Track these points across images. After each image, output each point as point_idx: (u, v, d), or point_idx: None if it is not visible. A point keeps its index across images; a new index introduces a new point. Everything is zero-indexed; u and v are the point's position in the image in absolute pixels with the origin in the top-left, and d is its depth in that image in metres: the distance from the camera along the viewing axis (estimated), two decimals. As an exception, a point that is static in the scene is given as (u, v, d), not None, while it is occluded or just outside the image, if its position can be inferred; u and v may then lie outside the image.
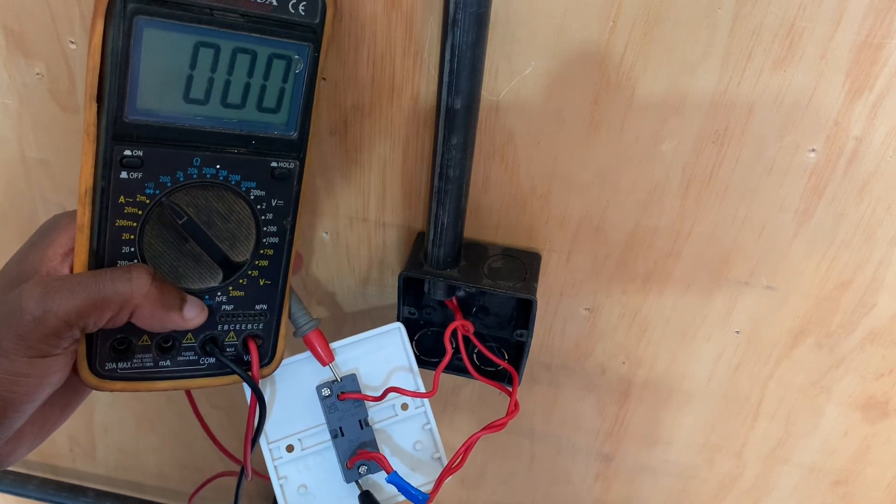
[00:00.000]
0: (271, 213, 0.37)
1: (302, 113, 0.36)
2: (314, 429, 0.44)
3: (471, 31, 0.37)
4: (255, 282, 0.38)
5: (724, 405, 0.55)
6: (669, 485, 0.62)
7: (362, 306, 0.55)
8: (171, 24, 0.31)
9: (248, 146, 0.35)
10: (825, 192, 0.42)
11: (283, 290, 0.40)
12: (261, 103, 0.35)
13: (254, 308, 0.39)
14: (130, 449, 0.74)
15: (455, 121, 0.40)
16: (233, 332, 0.39)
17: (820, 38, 0.37)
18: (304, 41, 0.34)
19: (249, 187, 0.36)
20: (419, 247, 0.48)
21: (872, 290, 0.46)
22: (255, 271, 0.38)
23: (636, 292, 0.49)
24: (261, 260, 0.38)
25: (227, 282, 0.38)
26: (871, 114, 0.39)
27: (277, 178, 0.37)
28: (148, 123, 0.33)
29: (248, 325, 0.39)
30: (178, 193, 0.35)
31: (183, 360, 0.38)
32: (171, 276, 0.36)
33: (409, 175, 0.47)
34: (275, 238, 0.38)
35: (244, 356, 0.40)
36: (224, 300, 0.38)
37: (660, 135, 0.42)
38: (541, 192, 0.46)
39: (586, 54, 0.39)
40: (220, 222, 0.36)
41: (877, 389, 0.51)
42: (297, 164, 0.37)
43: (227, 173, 0.35)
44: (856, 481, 0.58)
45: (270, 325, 0.40)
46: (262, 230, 0.37)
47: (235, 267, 0.37)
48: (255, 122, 0.35)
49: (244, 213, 0.37)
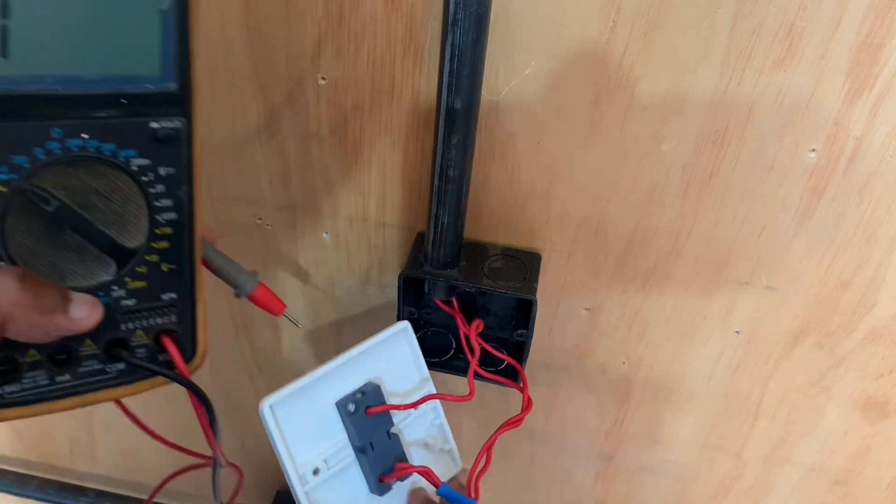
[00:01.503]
0: (162, 185, 0.31)
1: (178, 59, 0.30)
2: (336, 446, 0.41)
3: (471, 31, 0.37)
4: (156, 268, 0.33)
5: (724, 405, 0.55)
6: (669, 485, 0.62)
7: (362, 306, 0.55)
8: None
9: (117, 107, 0.29)
10: (825, 192, 0.42)
11: (192, 273, 0.34)
12: (124, 52, 0.29)
13: (160, 298, 0.33)
14: (130, 449, 0.74)
15: (455, 121, 0.40)
16: (140, 329, 0.33)
17: (820, 38, 0.37)
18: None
19: (129, 157, 0.30)
20: (419, 247, 0.48)
21: (872, 290, 0.46)
22: (155, 256, 0.32)
23: (636, 292, 0.49)
24: (159, 242, 0.32)
25: (123, 272, 0.32)
26: (871, 114, 0.39)
27: (161, 140, 0.31)
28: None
29: (157, 320, 0.34)
30: (42, 175, 0.29)
31: (86, 370, 0.33)
32: (53, 276, 0.30)
33: (409, 175, 0.47)
34: (171, 213, 0.32)
35: (159, 355, 0.34)
36: (123, 294, 0.32)
37: (660, 135, 0.42)
38: (541, 192, 0.46)
39: (586, 54, 0.39)
40: (102, 203, 0.30)
41: (877, 389, 0.51)
42: (182, 121, 0.31)
43: (97, 143, 0.29)
44: (856, 481, 0.58)
45: (185, 315, 0.34)
46: (154, 206, 0.32)
47: (130, 254, 0.32)
48: (122, 76, 0.29)
49: (129, 188, 0.31)
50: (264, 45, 0.43)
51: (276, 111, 0.45)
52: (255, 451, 0.72)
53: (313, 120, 0.45)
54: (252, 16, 0.42)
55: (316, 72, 0.43)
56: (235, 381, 0.64)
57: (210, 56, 0.44)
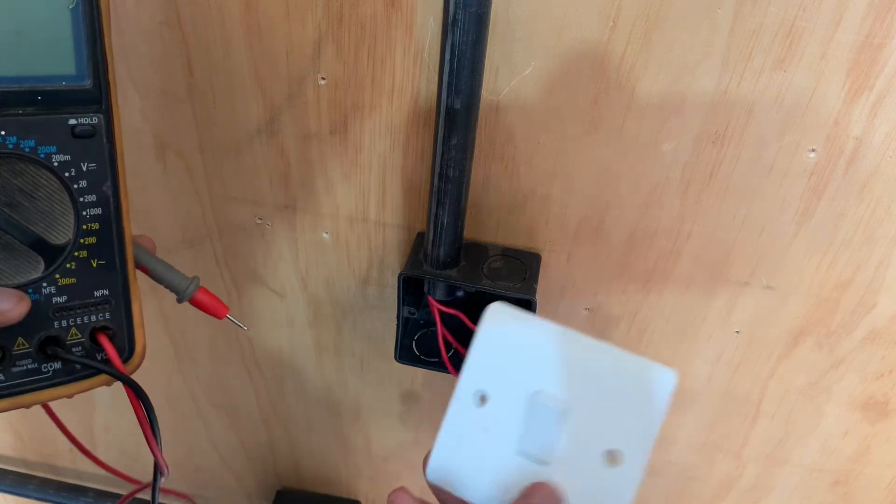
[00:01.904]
0: (85, 180, 0.32)
1: (90, 57, 0.31)
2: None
3: (471, 31, 0.37)
4: (86, 264, 0.33)
5: (724, 405, 0.55)
6: (669, 485, 0.62)
7: (362, 306, 0.55)
8: None
9: (34, 104, 0.30)
10: (825, 192, 0.42)
11: (124, 268, 0.34)
12: (36, 50, 0.30)
13: (93, 295, 0.33)
14: (130, 449, 0.74)
15: (455, 121, 0.40)
16: (74, 327, 0.33)
17: (820, 38, 0.37)
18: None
19: (49, 153, 0.31)
20: (419, 247, 0.48)
21: (872, 290, 0.46)
22: (83, 251, 0.33)
23: (636, 292, 0.49)
24: (87, 237, 0.33)
25: (52, 269, 0.32)
26: (871, 114, 0.39)
27: (80, 136, 0.31)
28: None
29: (91, 317, 0.34)
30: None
31: (19, 370, 0.32)
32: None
33: (409, 175, 0.47)
34: (97, 209, 0.32)
35: (97, 354, 0.34)
36: (53, 291, 0.32)
37: (660, 135, 0.42)
38: (541, 192, 0.46)
39: (586, 54, 0.39)
40: (26, 201, 0.30)
41: (877, 389, 0.51)
42: (100, 118, 0.32)
43: (16, 140, 0.30)
44: (856, 481, 0.58)
45: (119, 312, 0.34)
46: (79, 202, 0.32)
47: (58, 251, 0.32)
48: (37, 75, 0.30)
49: (52, 184, 0.31)
50: (264, 45, 0.43)
51: (276, 111, 0.45)
52: (255, 451, 0.72)
53: (313, 120, 0.45)
54: (252, 16, 0.42)
55: (316, 72, 0.43)
56: (235, 381, 0.64)
57: (210, 56, 0.44)
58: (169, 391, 0.66)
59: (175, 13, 0.42)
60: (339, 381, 0.63)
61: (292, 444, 0.71)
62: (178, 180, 0.51)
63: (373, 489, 0.74)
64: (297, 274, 0.54)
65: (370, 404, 0.64)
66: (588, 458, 0.33)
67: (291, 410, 0.67)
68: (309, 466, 0.73)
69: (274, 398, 0.65)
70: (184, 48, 0.44)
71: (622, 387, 0.33)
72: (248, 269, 0.55)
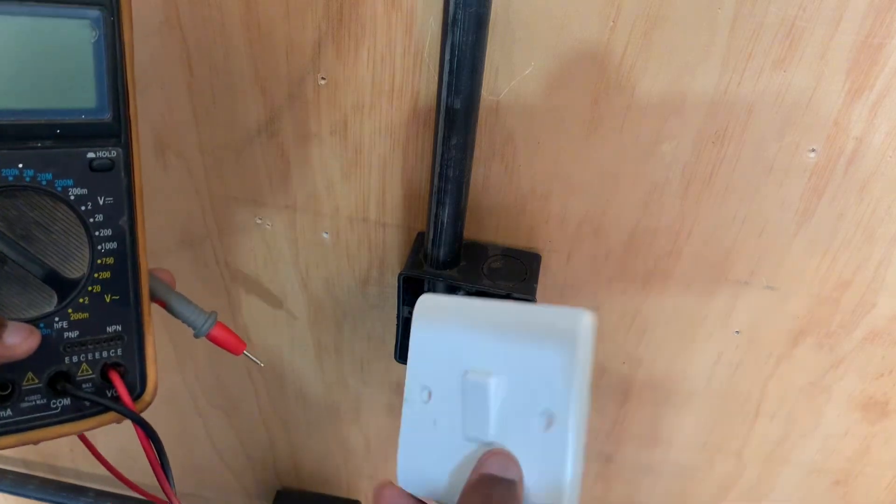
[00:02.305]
0: (101, 214, 0.32)
1: (111, 90, 0.31)
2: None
3: (471, 31, 0.37)
4: (99, 299, 0.32)
5: (724, 405, 0.55)
6: (669, 485, 0.62)
7: (362, 306, 0.55)
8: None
9: (53, 137, 0.30)
10: (825, 192, 0.42)
11: (138, 304, 0.34)
12: (57, 83, 0.30)
13: (105, 331, 0.33)
14: (130, 449, 0.74)
15: (455, 121, 0.40)
16: (85, 363, 0.33)
17: (820, 38, 0.37)
18: (96, 6, 0.29)
19: (66, 186, 0.31)
20: (419, 247, 0.48)
21: (872, 290, 0.46)
22: (97, 286, 0.32)
23: (636, 292, 0.49)
24: (101, 272, 0.32)
25: (65, 304, 0.32)
26: (871, 114, 0.39)
27: (98, 170, 0.31)
28: None
29: (102, 353, 0.33)
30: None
31: (28, 406, 0.32)
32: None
33: (409, 175, 0.47)
34: (112, 243, 0.32)
35: (107, 391, 0.34)
36: (65, 326, 0.32)
37: (660, 135, 0.42)
38: (541, 192, 0.46)
39: (586, 54, 0.39)
40: (42, 234, 0.30)
41: (877, 389, 0.51)
42: (119, 151, 0.31)
43: (34, 173, 0.30)
44: (856, 481, 0.58)
45: (131, 348, 0.34)
46: (94, 236, 0.32)
47: (71, 285, 0.31)
48: (57, 107, 0.30)
49: (68, 218, 0.31)
50: (264, 45, 0.43)
51: (275, 111, 0.45)
52: (254, 451, 0.72)
53: (313, 120, 0.45)
54: (252, 16, 0.42)
55: (316, 72, 0.43)
56: (235, 381, 0.64)
57: (210, 56, 0.44)
58: (169, 391, 0.66)
59: (175, 13, 0.42)
60: (339, 381, 0.63)
61: (292, 445, 0.71)
62: (178, 180, 0.50)
63: (373, 489, 0.74)
64: (297, 274, 0.54)
65: (370, 404, 0.64)
66: (525, 424, 0.31)
67: (291, 410, 0.67)
68: (309, 466, 0.73)
69: (274, 398, 0.65)
70: (184, 48, 0.44)
71: (543, 342, 0.31)
72: (248, 269, 0.55)
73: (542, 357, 0.31)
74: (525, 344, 0.32)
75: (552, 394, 0.31)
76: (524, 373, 0.32)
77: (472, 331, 0.34)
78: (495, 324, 0.33)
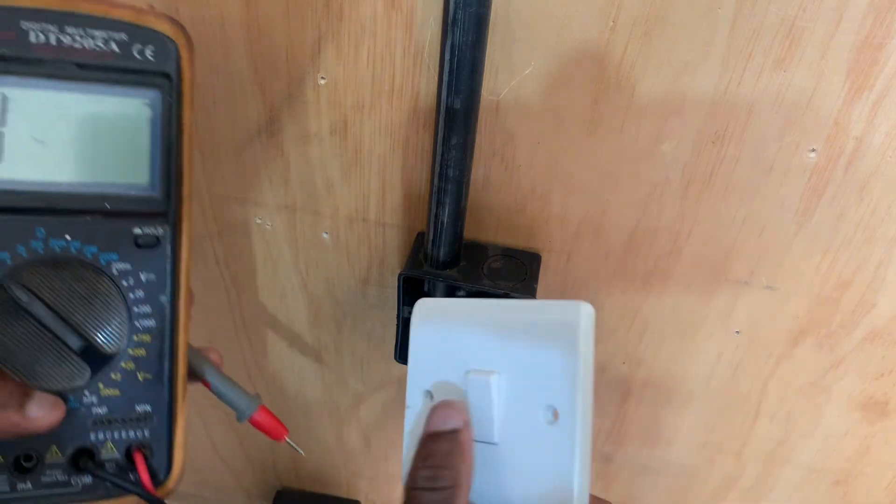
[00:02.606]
0: (142, 291, 0.31)
1: (163, 169, 0.31)
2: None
3: (471, 31, 0.37)
4: (131, 377, 0.32)
5: (724, 405, 0.55)
6: (669, 485, 0.62)
7: (362, 306, 0.55)
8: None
9: (101, 211, 0.30)
10: (825, 192, 0.42)
11: (172, 385, 0.33)
12: (112, 159, 0.30)
13: (134, 410, 0.32)
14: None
15: (455, 121, 0.40)
16: (110, 441, 0.32)
17: (820, 38, 0.37)
18: (155, 87, 0.30)
19: (110, 260, 0.31)
20: (419, 247, 0.48)
21: (872, 290, 0.46)
22: (131, 363, 0.32)
23: (636, 292, 0.49)
24: (136, 349, 0.32)
25: (96, 378, 0.31)
26: (871, 114, 0.39)
27: (143, 246, 0.31)
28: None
29: (129, 433, 0.32)
30: (24, 273, 0.29)
31: (49, 481, 0.31)
32: (28, 377, 0.29)
33: (409, 175, 0.47)
34: (150, 321, 0.32)
35: (130, 472, 0.33)
36: (95, 401, 0.31)
37: (660, 135, 0.42)
38: (541, 192, 0.46)
39: (586, 54, 0.39)
40: (82, 306, 0.30)
41: (877, 389, 0.51)
42: (166, 228, 0.31)
43: (80, 245, 0.30)
44: (856, 481, 0.58)
45: (160, 430, 0.33)
46: (133, 312, 0.31)
47: (106, 359, 0.31)
48: (109, 182, 0.30)
49: (109, 292, 0.31)
50: (264, 44, 0.43)
51: (276, 111, 0.45)
52: (254, 451, 0.72)
53: (313, 120, 0.45)
54: (252, 15, 0.42)
55: (316, 72, 0.43)
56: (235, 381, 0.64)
57: (210, 56, 0.44)
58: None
59: (175, 13, 0.42)
60: (339, 381, 0.63)
61: (292, 444, 0.71)
62: (178, 180, 0.50)
63: (373, 489, 0.74)
64: (297, 274, 0.54)
65: (370, 404, 0.64)
66: (531, 421, 0.31)
67: (291, 410, 0.67)
68: (309, 466, 0.73)
69: (274, 398, 0.65)
70: (184, 48, 0.44)
71: (543, 338, 0.31)
72: (247, 269, 0.55)
73: (544, 352, 0.31)
74: (525, 340, 0.32)
75: (556, 388, 0.30)
76: (526, 369, 0.32)
77: (472, 330, 0.34)
78: (494, 322, 0.33)
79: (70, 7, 0.28)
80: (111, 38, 0.29)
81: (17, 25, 0.28)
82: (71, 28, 0.29)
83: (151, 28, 0.30)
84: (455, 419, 0.32)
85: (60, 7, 0.28)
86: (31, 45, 0.28)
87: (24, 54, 0.28)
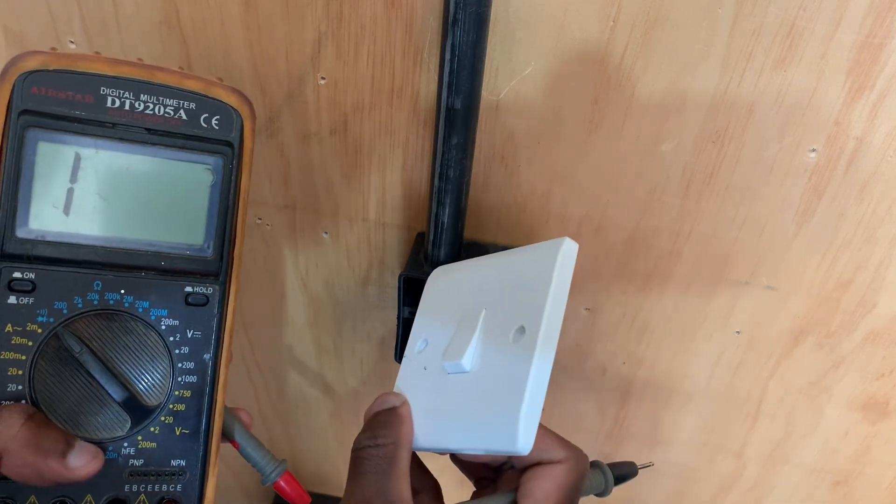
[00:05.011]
0: (187, 347, 0.33)
1: (218, 231, 0.33)
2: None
3: (471, 31, 0.37)
4: (169, 431, 0.32)
5: (725, 405, 0.55)
6: (669, 485, 0.62)
7: (362, 306, 0.55)
8: (68, 137, 0.30)
9: (156, 268, 0.32)
10: (825, 192, 0.42)
11: (207, 442, 0.33)
12: (169, 220, 0.32)
13: (170, 464, 0.33)
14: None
15: (455, 121, 0.40)
16: (144, 494, 0.32)
17: (820, 38, 0.37)
18: (218, 154, 0.32)
19: (160, 316, 0.32)
20: (419, 247, 0.47)
21: (873, 290, 0.46)
22: (170, 417, 0.32)
23: (636, 292, 0.49)
24: (177, 404, 0.33)
25: (136, 430, 0.32)
26: (871, 114, 0.39)
27: (192, 304, 0.33)
28: (42, 241, 0.30)
29: (162, 486, 0.33)
30: (78, 323, 0.30)
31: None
32: (71, 424, 0.30)
33: (409, 175, 0.47)
34: (192, 377, 0.33)
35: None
36: (132, 453, 0.32)
37: (660, 135, 0.42)
38: (541, 192, 0.46)
39: (586, 54, 0.39)
40: (129, 358, 0.31)
41: (877, 389, 0.51)
42: (216, 288, 0.33)
43: (133, 299, 0.31)
44: (856, 481, 0.58)
45: (192, 485, 0.33)
46: (176, 367, 0.32)
47: (146, 412, 0.32)
48: (165, 241, 0.32)
49: (156, 347, 0.32)
50: (264, 44, 0.43)
51: (275, 111, 0.45)
52: (255, 451, 0.72)
53: (313, 120, 0.45)
54: (252, 15, 0.42)
55: (316, 72, 0.43)
56: (235, 381, 0.64)
57: (210, 56, 0.44)
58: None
59: (175, 13, 0.42)
60: (339, 381, 0.63)
61: (292, 444, 0.71)
62: (178, 180, 0.51)
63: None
64: (297, 274, 0.54)
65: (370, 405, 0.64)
66: (501, 343, 0.33)
67: (291, 410, 0.67)
68: (309, 466, 0.73)
69: (274, 398, 0.66)
70: (183, 48, 0.44)
71: (527, 266, 0.34)
72: (247, 269, 0.55)
73: (524, 280, 0.34)
74: (511, 272, 0.35)
75: (528, 310, 0.32)
76: (509, 298, 0.34)
77: (471, 275, 0.37)
78: (491, 264, 0.37)
79: (148, 77, 0.31)
80: (181, 106, 0.31)
81: (97, 91, 0.30)
82: (145, 95, 0.31)
83: (219, 99, 0.32)
84: (393, 400, 0.35)
85: (139, 76, 0.31)
86: (107, 110, 0.30)
87: (100, 117, 0.30)
